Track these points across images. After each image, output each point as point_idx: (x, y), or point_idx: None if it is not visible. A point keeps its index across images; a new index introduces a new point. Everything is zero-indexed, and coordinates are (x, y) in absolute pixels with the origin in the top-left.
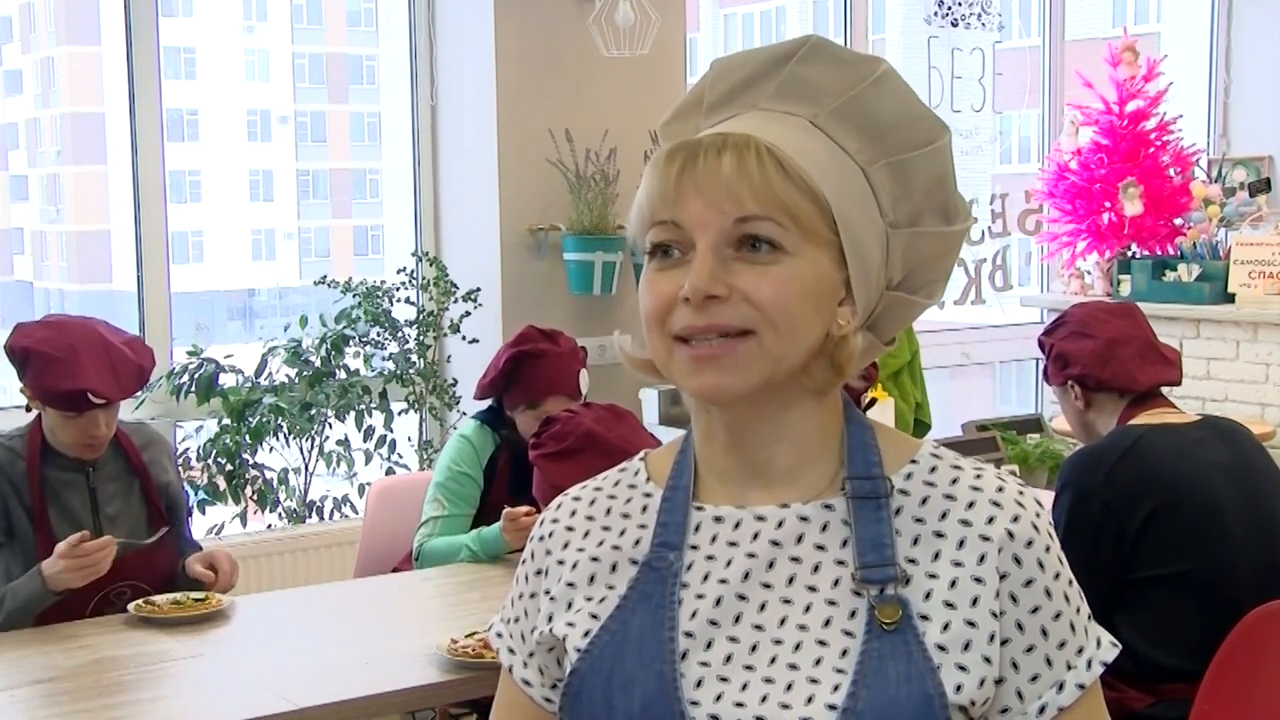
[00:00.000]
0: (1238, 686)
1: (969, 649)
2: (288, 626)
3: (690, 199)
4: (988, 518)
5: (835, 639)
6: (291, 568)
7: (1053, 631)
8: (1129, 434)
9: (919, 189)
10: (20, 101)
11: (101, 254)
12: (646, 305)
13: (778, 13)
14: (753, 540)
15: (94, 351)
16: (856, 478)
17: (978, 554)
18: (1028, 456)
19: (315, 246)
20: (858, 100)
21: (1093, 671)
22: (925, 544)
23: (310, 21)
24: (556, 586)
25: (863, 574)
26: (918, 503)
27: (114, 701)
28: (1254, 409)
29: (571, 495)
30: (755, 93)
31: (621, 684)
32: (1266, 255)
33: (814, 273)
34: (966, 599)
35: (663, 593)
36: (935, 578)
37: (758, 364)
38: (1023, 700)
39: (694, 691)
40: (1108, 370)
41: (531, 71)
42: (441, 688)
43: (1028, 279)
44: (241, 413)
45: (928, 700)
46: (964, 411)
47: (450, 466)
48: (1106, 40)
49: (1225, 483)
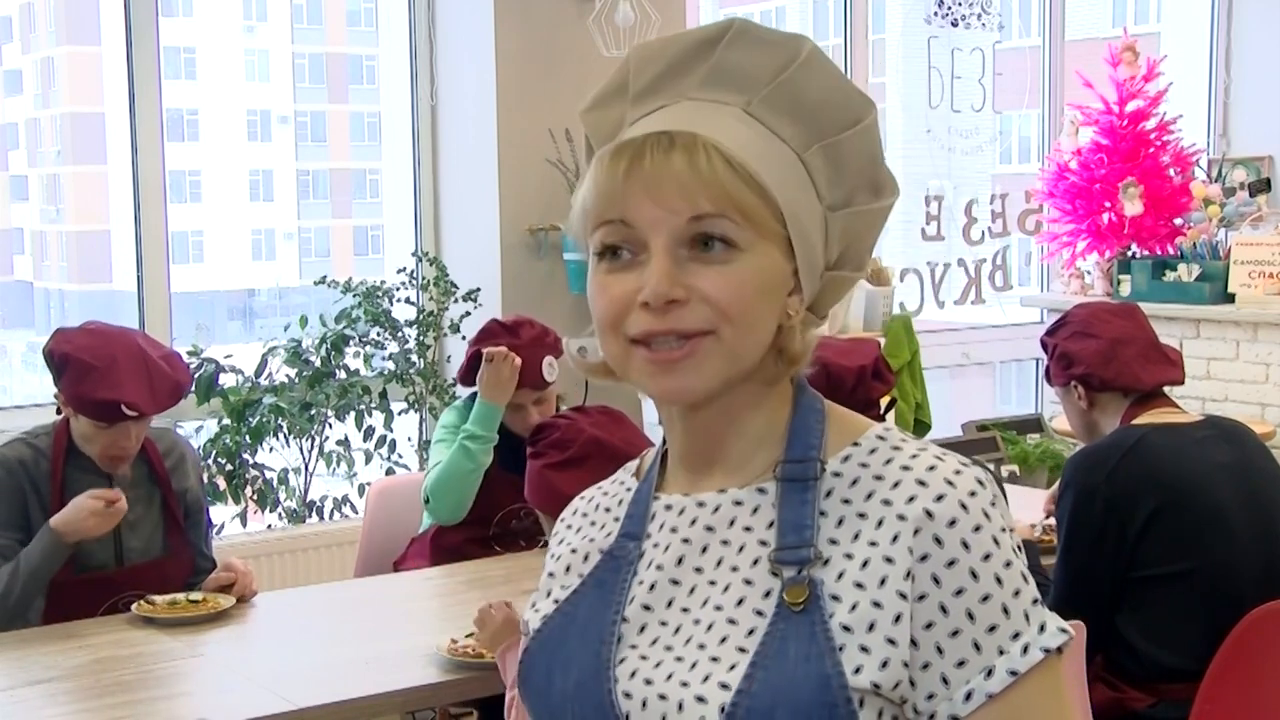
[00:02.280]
0: (1238, 686)
1: (872, 630)
2: (287, 626)
3: (640, 198)
4: (908, 497)
5: (745, 619)
6: (291, 568)
7: (980, 615)
8: (1131, 433)
9: (852, 169)
10: (20, 101)
11: (101, 254)
12: (600, 309)
13: (778, 13)
14: (690, 526)
15: (133, 364)
16: (790, 461)
17: (891, 533)
18: (1028, 456)
19: (315, 246)
20: (788, 85)
21: (1029, 657)
22: (848, 525)
23: (310, 21)
24: (543, 579)
25: (778, 555)
26: (848, 484)
27: (114, 701)
28: (1254, 409)
29: (583, 496)
30: (684, 81)
31: (562, 663)
32: (1266, 255)
33: (768, 267)
34: (875, 579)
35: (615, 580)
36: (850, 558)
37: (719, 362)
38: (948, 686)
39: (620, 671)
40: (1111, 369)
41: (531, 71)
42: (441, 688)
43: (1028, 279)
44: (241, 413)
45: (825, 680)
46: (964, 411)
47: (448, 425)
48: (1106, 40)
49: (1227, 482)
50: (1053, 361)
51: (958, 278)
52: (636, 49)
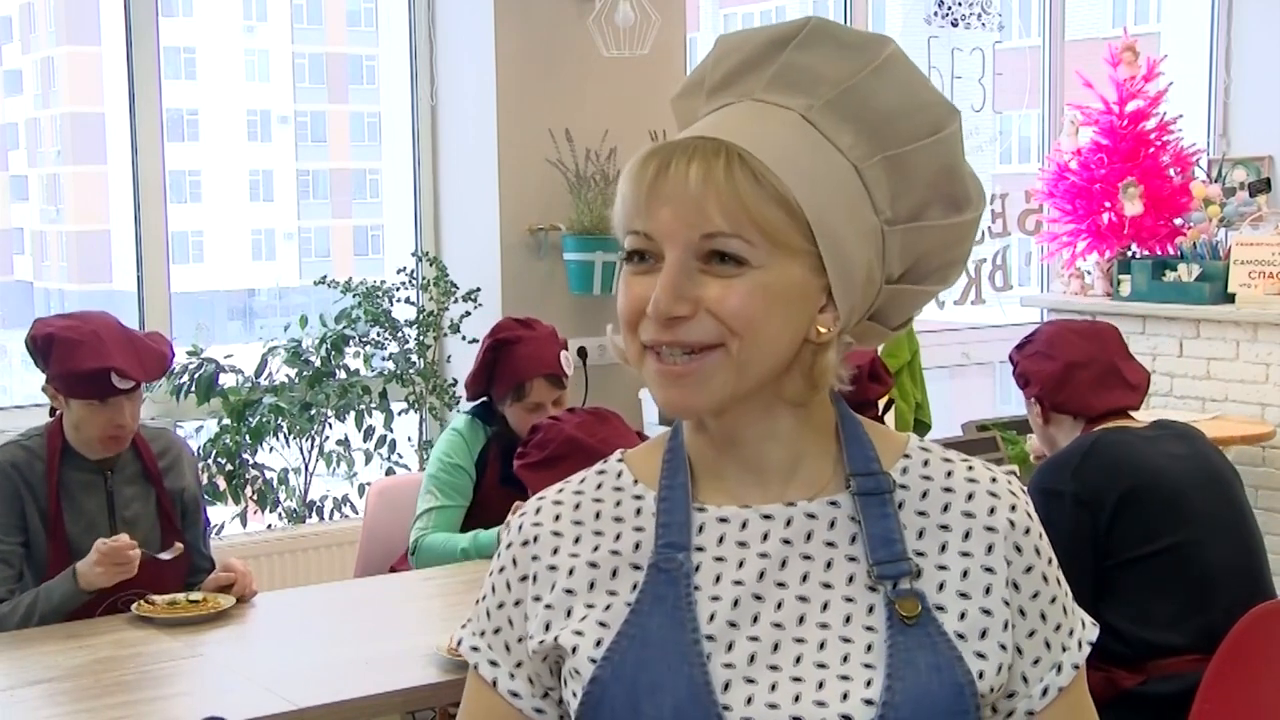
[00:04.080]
0: (1238, 686)
1: (985, 636)
2: (287, 626)
3: (659, 210)
4: (989, 508)
5: (858, 635)
6: (291, 568)
7: (1049, 615)
8: (1086, 438)
9: (921, 181)
10: (20, 101)
11: (101, 254)
12: (621, 308)
13: (778, 12)
14: (763, 540)
15: (116, 336)
16: (859, 474)
17: (985, 544)
18: (1027, 456)
19: (315, 246)
20: (855, 91)
21: (1083, 651)
22: (930, 537)
23: (310, 21)
24: (551, 594)
25: (878, 570)
26: (918, 496)
27: (114, 701)
28: (1254, 409)
29: (550, 499)
30: (752, 80)
31: (648, 689)
32: (1266, 255)
33: (782, 282)
34: (980, 588)
35: (677, 594)
36: (946, 569)
37: (724, 377)
38: (1027, 684)
39: (722, 694)
40: (1063, 394)
41: (531, 71)
42: (441, 688)
43: (1028, 279)
44: (241, 413)
45: (959, 689)
46: (964, 411)
47: (442, 459)
48: (1106, 40)
49: (1183, 469)
50: (1015, 378)
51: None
52: (721, 39)
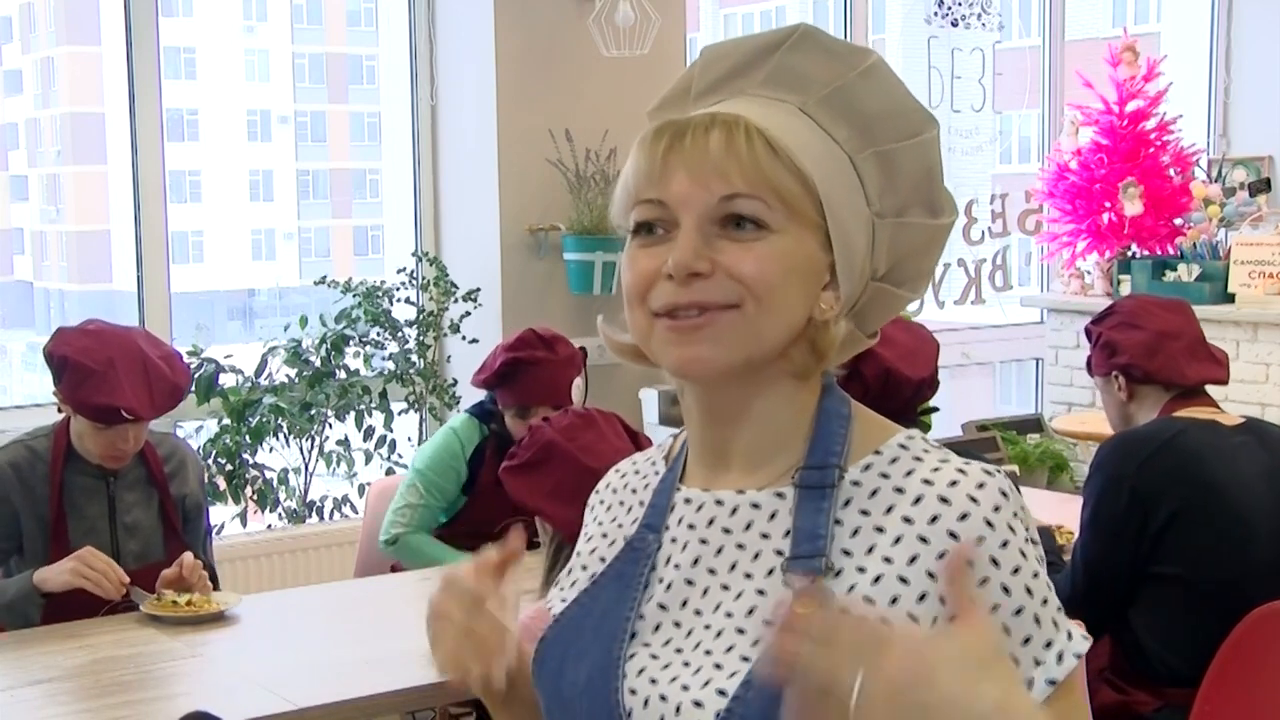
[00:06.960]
0: (1238, 686)
1: None
2: (287, 626)
3: (676, 176)
4: (930, 516)
5: (752, 627)
6: (291, 568)
7: (1015, 628)
8: (1171, 425)
9: (905, 180)
10: (20, 101)
11: (101, 254)
12: (628, 281)
13: (778, 12)
14: (708, 526)
15: (131, 367)
16: (809, 467)
17: (909, 554)
18: (1028, 456)
19: (315, 246)
20: (845, 91)
21: (1064, 665)
22: (864, 537)
23: (310, 21)
24: (576, 557)
25: (791, 564)
26: (867, 495)
27: (114, 701)
28: (1254, 409)
29: (618, 470)
30: (744, 80)
31: (575, 655)
32: (1266, 255)
33: (799, 251)
34: (885, 597)
35: (634, 573)
36: (863, 571)
37: (740, 336)
38: None
39: (630, 668)
40: (1155, 362)
41: (531, 71)
42: (441, 688)
43: (1028, 279)
44: (241, 413)
45: None
46: (964, 411)
47: (434, 456)
48: (1106, 40)
49: (1260, 488)
50: (1096, 350)
51: (958, 278)
52: (706, 50)
